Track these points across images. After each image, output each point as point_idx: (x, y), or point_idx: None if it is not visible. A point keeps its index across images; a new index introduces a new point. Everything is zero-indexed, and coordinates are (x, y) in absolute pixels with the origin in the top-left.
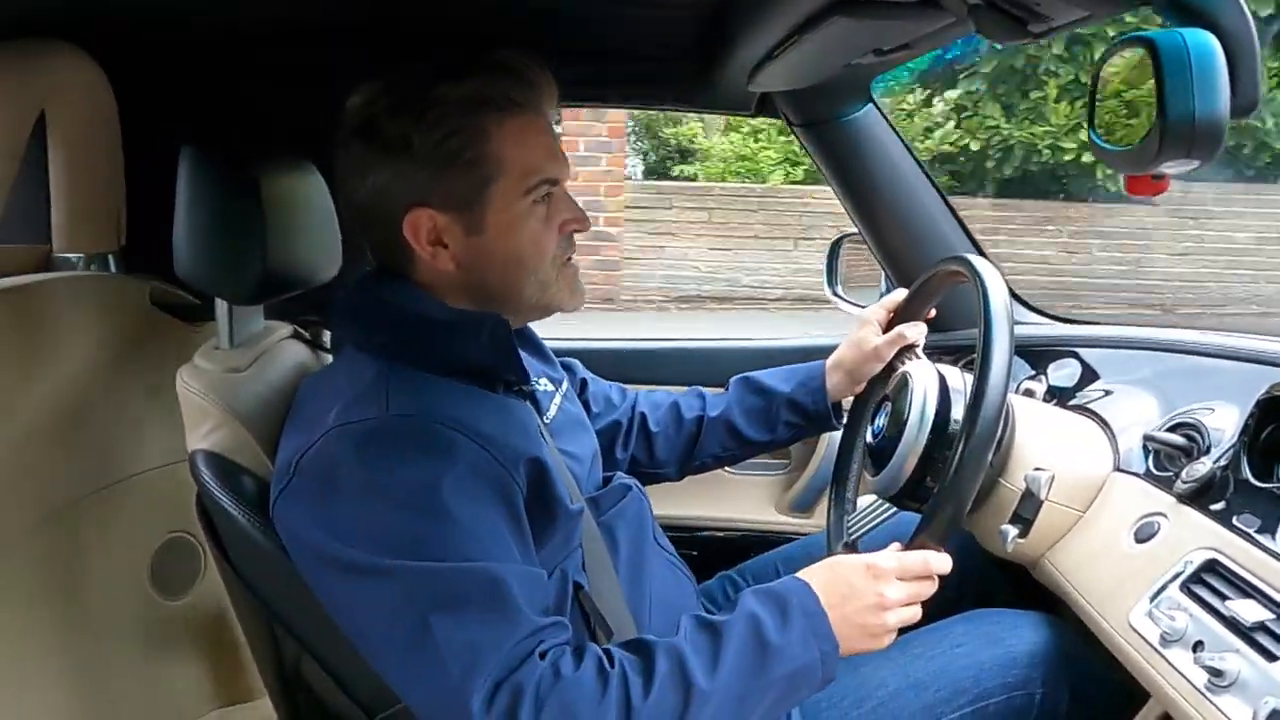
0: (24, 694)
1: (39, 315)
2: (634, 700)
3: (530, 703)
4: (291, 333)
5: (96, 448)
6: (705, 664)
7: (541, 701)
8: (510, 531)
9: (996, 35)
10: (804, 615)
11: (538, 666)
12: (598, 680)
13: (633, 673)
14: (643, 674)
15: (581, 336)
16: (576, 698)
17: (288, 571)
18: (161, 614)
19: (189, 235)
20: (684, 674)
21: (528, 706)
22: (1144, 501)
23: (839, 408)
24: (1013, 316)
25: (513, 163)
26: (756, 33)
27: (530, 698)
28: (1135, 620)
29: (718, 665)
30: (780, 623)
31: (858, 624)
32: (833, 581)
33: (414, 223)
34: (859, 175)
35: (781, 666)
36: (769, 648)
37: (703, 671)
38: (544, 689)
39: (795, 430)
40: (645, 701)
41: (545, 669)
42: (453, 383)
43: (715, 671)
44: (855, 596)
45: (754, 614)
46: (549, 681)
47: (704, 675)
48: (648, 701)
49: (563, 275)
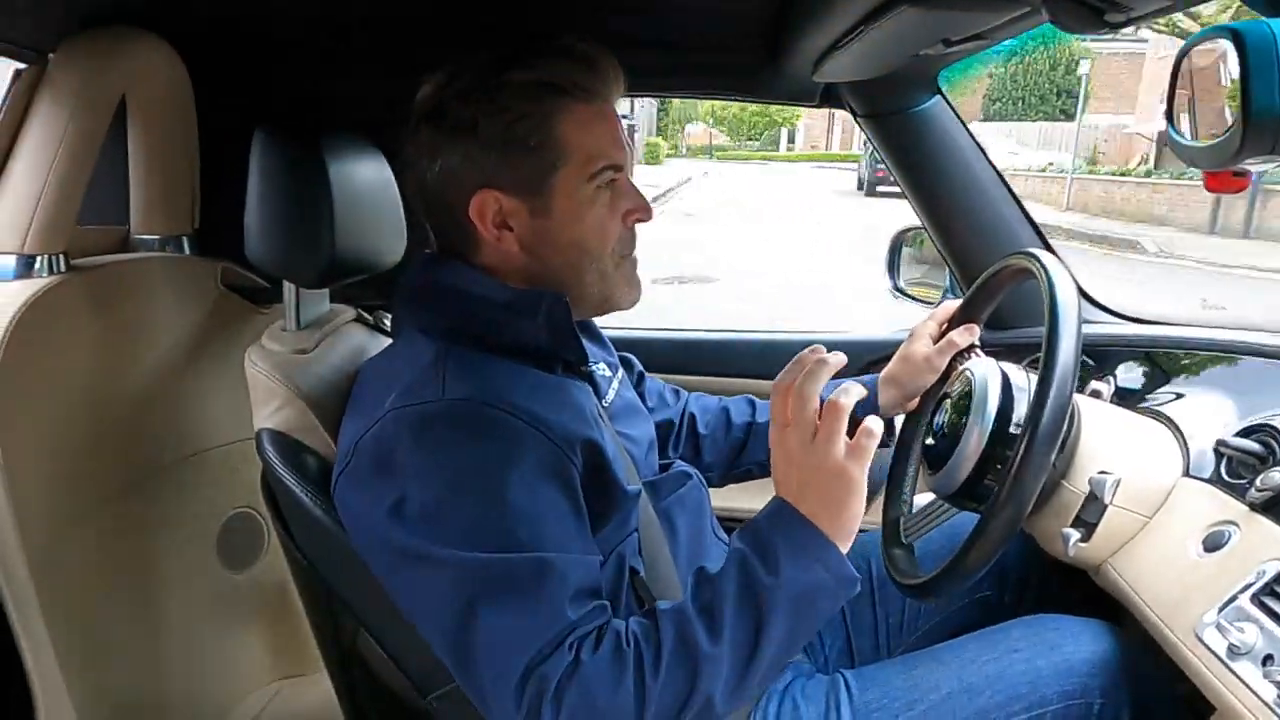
0: (99, 657)
1: (118, 294)
2: (646, 680)
3: (553, 693)
4: (355, 316)
5: (169, 423)
6: (707, 624)
7: (562, 691)
8: (565, 515)
9: (1071, 25)
10: (786, 537)
11: (564, 656)
12: (614, 663)
13: (645, 646)
14: (652, 645)
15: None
16: (595, 684)
17: (346, 550)
18: (227, 586)
19: (259, 219)
20: (689, 640)
21: (550, 697)
22: (1214, 509)
23: (891, 425)
24: (1081, 314)
25: (578, 148)
26: (823, 22)
27: (553, 688)
28: (1202, 631)
29: (719, 622)
30: (767, 555)
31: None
32: (790, 479)
33: (480, 205)
34: (925, 168)
35: (783, 597)
36: (762, 588)
37: (706, 635)
38: (565, 678)
39: None
40: (657, 680)
41: (569, 658)
42: (510, 364)
43: (719, 629)
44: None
45: (741, 556)
46: (570, 670)
47: (708, 639)
48: (659, 679)
49: (621, 269)
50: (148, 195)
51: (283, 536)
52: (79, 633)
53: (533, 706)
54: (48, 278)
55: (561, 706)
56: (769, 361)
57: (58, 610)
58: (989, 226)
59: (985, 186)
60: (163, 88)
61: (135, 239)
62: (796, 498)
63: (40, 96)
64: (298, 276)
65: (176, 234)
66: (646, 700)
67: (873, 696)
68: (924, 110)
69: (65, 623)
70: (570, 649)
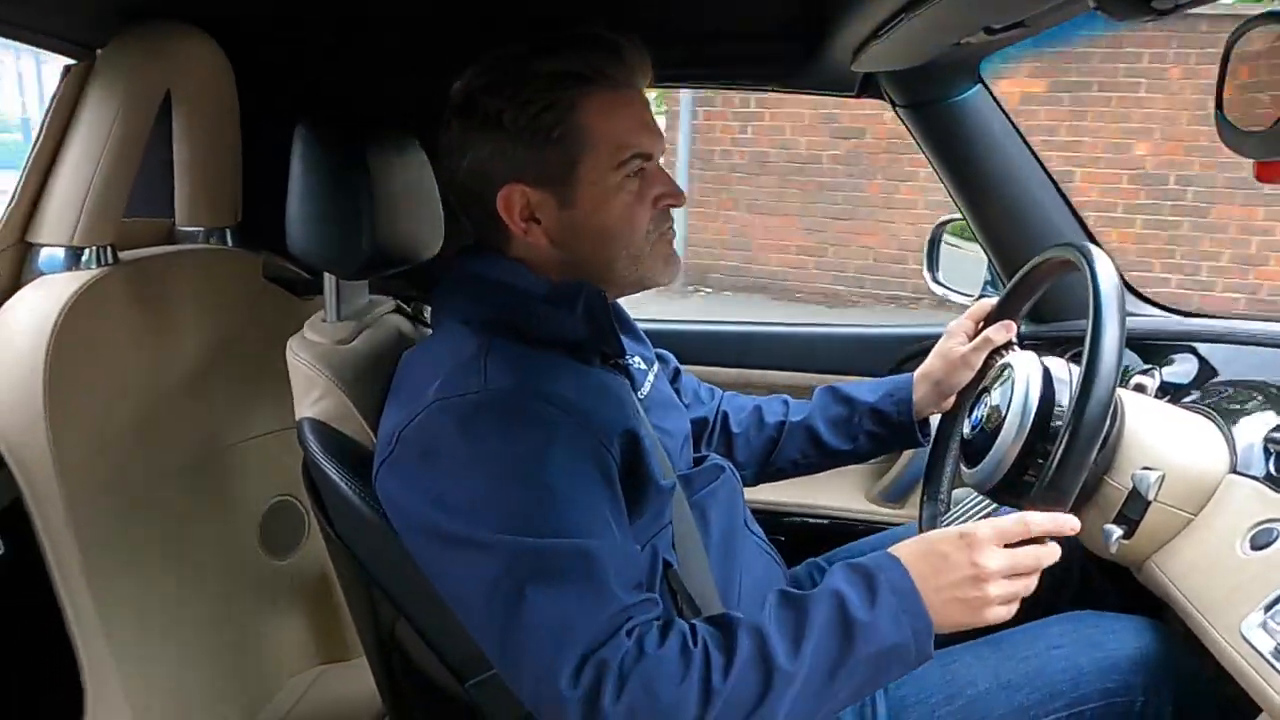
0: (147, 643)
1: (163, 286)
2: (714, 680)
3: (614, 679)
4: (394, 307)
5: (214, 413)
6: (788, 644)
7: (625, 678)
8: (606, 504)
9: (1118, 13)
10: (893, 592)
11: (624, 643)
12: (680, 658)
13: (715, 651)
14: (725, 653)
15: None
16: (658, 675)
17: (386, 538)
18: (268, 573)
19: (301, 212)
20: (766, 654)
21: (611, 683)
22: (1262, 507)
23: (926, 424)
24: (1125, 306)
25: (603, 136)
26: (863, 10)
27: (614, 674)
28: (1248, 631)
29: (801, 645)
30: (868, 600)
31: (953, 597)
32: (924, 554)
33: (507, 199)
34: (966, 159)
35: (869, 646)
36: (855, 626)
37: (785, 652)
38: (627, 666)
39: (877, 442)
40: (726, 682)
41: (630, 646)
42: (550, 355)
43: (799, 652)
44: (949, 568)
45: (839, 591)
46: (633, 658)
47: (786, 656)
48: (728, 682)
49: (656, 248)
50: (192, 189)
51: (323, 524)
52: (128, 620)
53: (591, 691)
54: (96, 269)
55: (623, 692)
56: (801, 354)
57: (108, 598)
58: (1031, 218)
59: (1028, 177)
60: (207, 83)
61: (180, 232)
62: (928, 573)
63: (89, 92)
64: (338, 268)
65: (220, 227)
66: (712, 701)
67: (909, 691)
68: (965, 100)
69: (115, 610)
70: (629, 635)
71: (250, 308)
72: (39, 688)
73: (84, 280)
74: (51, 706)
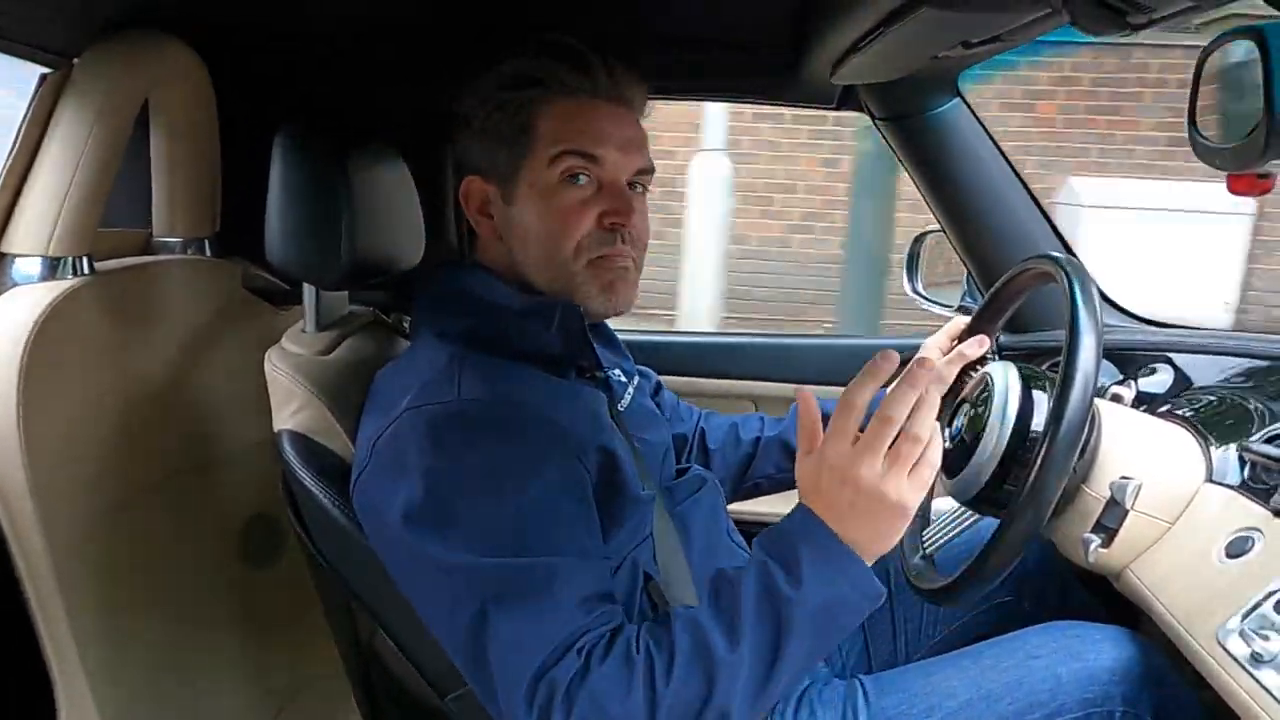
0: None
1: (140, 296)
2: (658, 685)
3: (562, 699)
4: (374, 318)
5: (191, 424)
6: (724, 631)
7: (572, 697)
8: (576, 518)
9: (1093, 28)
10: (811, 547)
11: (573, 662)
12: (624, 669)
13: (656, 653)
14: (665, 653)
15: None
16: (603, 692)
17: (364, 550)
18: (247, 585)
19: (280, 222)
20: (704, 647)
21: (559, 702)
22: (1238, 515)
23: None
24: (1101, 317)
25: (547, 136)
26: (842, 24)
27: (563, 694)
28: (1225, 639)
29: (737, 631)
30: (791, 566)
31: (862, 511)
32: (819, 488)
33: (466, 190)
34: (944, 172)
35: (804, 611)
36: (783, 599)
37: (723, 642)
38: (574, 685)
39: None
40: (669, 685)
41: (579, 664)
42: (525, 369)
43: (736, 638)
44: (835, 491)
45: (764, 564)
46: (579, 677)
47: (725, 646)
48: (671, 684)
49: (594, 270)
50: (170, 199)
51: (301, 537)
52: (102, 634)
53: (543, 712)
54: (71, 280)
55: (572, 712)
56: (779, 364)
57: (81, 612)
58: (1009, 230)
59: (1005, 190)
60: (186, 92)
61: (157, 242)
62: (824, 507)
63: (65, 101)
64: (317, 279)
65: (198, 237)
66: (657, 707)
67: (890, 702)
68: (943, 113)
69: (89, 625)
70: (580, 654)
71: (228, 319)
72: (10, 703)
73: (59, 291)
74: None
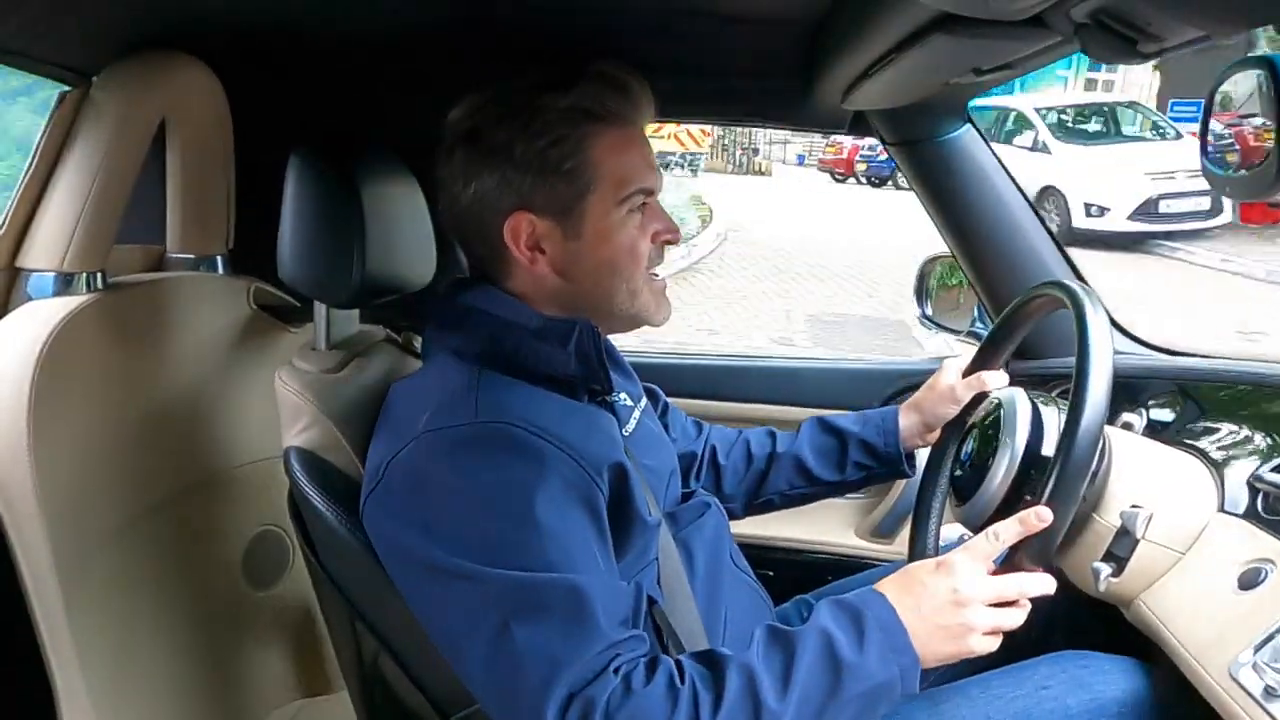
0: (124, 672)
1: (152, 312)
2: (703, 719)
3: (600, 717)
4: (385, 336)
5: (200, 440)
6: (776, 683)
7: (611, 716)
8: (595, 539)
9: (1104, 56)
10: (880, 629)
11: (611, 681)
12: (668, 696)
13: (703, 689)
14: (713, 690)
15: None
16: (645, 713)
17: (371, 569)
18: (251, 604)
19: (292, 240)
20: (754, 693)
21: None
22: (1250, 546)
23: (913, 457)
24: (1112, 344)
25: (611, 172)
26: (854, 50)
27: (601, 712)
28: (1237, 671)
29: (789, 684)
30: (856, 639)
31: (936, 626)
32: (906, 586)
33: (514, 227)
34: (954, 197)
35: (857, 685)
36: (843, 666)
37: (774, 691)
38: (614, 704)
39: (865, 472)
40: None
41: (617, 684)
42: (540, 390)
43: (787, 691)
44: (929, 596)
45: (827, 629)
46: (620, 696)
47: (774, 695)
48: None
49: (651, 287)
50: (184, 216)
51: (307, 555)
52: (105, 650)
53: None
54: (85, 295)
55: None
56: (785, 387)
57: (85, 626)
58: (1019, 256)
59: (1015, 216)
60: (202, 111)
61: (171, 258)
62: (913, 603)
63: (83, 119)
64: (328, 296)
65: (211, 254)
66: None
67: None
68: (954, 139)
69: (92, 639)
70: (616, 673)
71: (240, 335)
72: (12, 718)
73: (73, 306)
74: None
